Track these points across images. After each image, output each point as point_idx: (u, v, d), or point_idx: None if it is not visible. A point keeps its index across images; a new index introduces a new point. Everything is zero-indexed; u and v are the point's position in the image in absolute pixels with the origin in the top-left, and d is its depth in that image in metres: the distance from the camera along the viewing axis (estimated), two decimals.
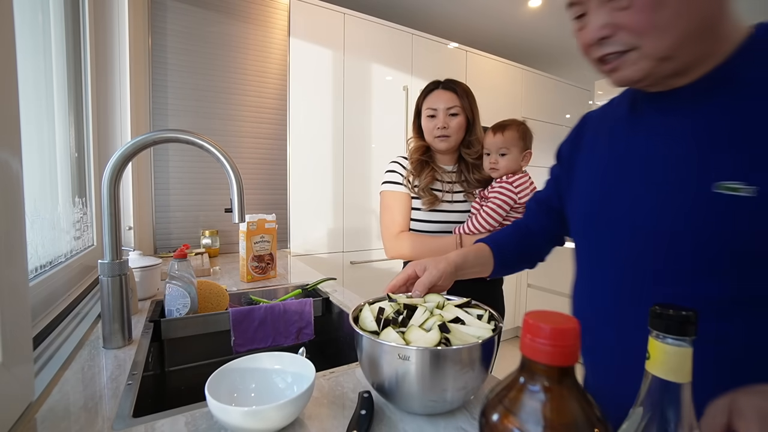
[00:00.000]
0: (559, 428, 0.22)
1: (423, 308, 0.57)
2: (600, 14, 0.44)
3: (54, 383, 0.57)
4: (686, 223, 0.45)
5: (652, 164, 0.49)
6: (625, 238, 0.51)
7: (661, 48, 0.43)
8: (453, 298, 0.64)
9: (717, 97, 0.45)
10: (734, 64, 0.45)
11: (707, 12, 0.42)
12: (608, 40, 0.45)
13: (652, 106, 0.51)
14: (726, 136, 0.43)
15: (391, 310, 0.58)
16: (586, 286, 0.60)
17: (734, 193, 0.41)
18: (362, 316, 0.58)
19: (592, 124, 0.64)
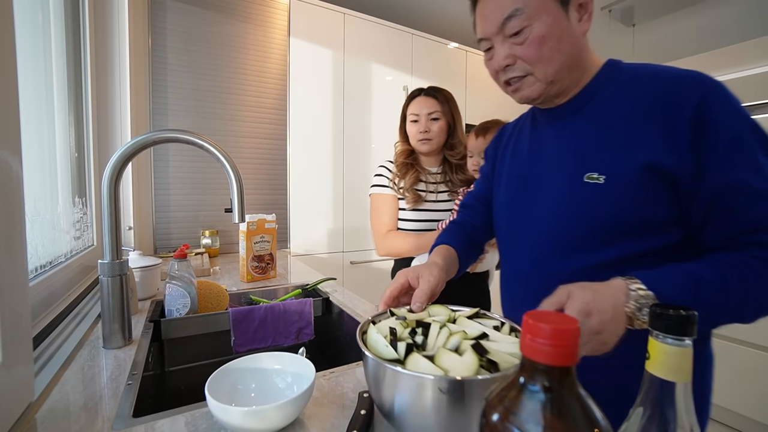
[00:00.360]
0: (559, 428, 0.22)
1: (437, 324, 0.51)
2: (504, 47, 0.60)
3: (54, 383, 0.57)
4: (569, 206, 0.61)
5: (545, 163, 0.67)
6: (529, 223, 0.67)
7: (548, 74, 0.60)
8: (460, 308, 0.59)
9: (583, 113, 0.63)
10: (593, 89, 0.63)
11: (575, 49, 0.61)
12: (511, 67, 0.61)
13: (544, 119, 0.69)
14: (590, 140, 0.61)
15: (403, 329, 0.51)
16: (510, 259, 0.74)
17: (595, 182, 0.58)
18: (372, 339, 0.49)
19: (508, 133, 0.82)
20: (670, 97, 0.54)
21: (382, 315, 0.58)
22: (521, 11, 0.57)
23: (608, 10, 2.92)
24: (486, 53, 0.64)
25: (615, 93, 0.61)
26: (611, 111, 0.60)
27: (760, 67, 2.12)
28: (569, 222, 0.61)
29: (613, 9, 2.90)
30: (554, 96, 0.64)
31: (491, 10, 0.60)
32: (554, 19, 0.58)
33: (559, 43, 0.58)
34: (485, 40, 0.63)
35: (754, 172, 0.51)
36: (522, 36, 0.58)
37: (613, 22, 3.10)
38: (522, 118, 0.80)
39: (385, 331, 0.50)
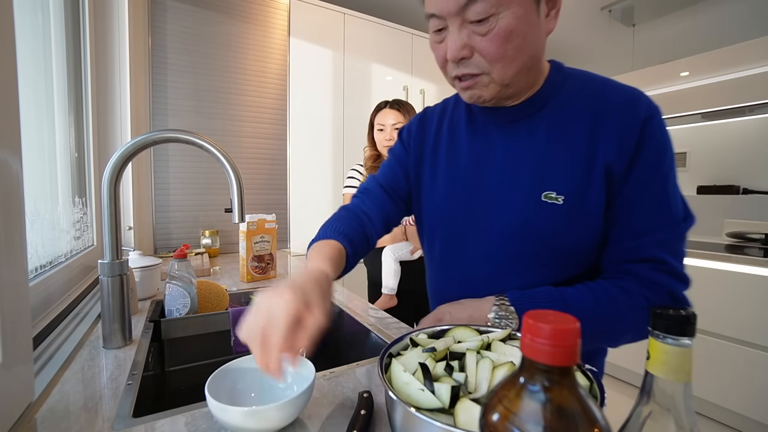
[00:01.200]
0: (559, 428, 0.22)
1: (472, 353, 0.42)
2: (461, 34, 0.50)
3: (54, 383, 0.57)
4: (527, 225, 0.58)
5: (497, 173, 0.61)
6: (480, 236, 0.63)
7: (506, 76, 0.53)
8: (487, 328, 0.50)
9: (536, 120, 0.59)
10: (545, 93, 0.58)
11: (538, 50, 0.54)
12: (466, 61, 0.52)
13: (489, 118, 0.62)
14: (546, 154, 0.57)
15: (434, 363, 0.42)
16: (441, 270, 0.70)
17: (553, 202, 0.56)
18: (400, 380, 0.39)
19: (433, 119, 0.72)
20: (626, 107, 0.54)
21: (399, 342, 0.48)
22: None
23: (608, 10, 2.92)
24: (435, 34, 0.54)
25: (567, 99, 0.57)
26: (565, 119, 0.57)
27: (760, 67, 2.12)
28: (526, 241, 0.59)
29: (613, 9, 2.90)
30: (506, 99, 0.58)
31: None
32: (525, 12, 0.49)
33: (525, 41, 0.51)
34: (438, 18, 0.52)
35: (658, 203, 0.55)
36: (486, 25, 0.49)
37: (613, 22, 3.10)
38: (449, 106, 0.71)
39: (412, 367, 0.41)
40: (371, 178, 0.76)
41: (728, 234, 2.30)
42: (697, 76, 2.38)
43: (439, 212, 0.68)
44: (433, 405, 0.36)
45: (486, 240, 0.62)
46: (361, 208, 0.69)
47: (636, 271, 0.55)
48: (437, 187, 0.68)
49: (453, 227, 0.66)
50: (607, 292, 0.54)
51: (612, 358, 2.25)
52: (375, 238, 0.68)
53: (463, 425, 0.33)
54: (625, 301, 0.53)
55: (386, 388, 0.37)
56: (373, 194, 0.72)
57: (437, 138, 0.70)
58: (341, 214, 0.68)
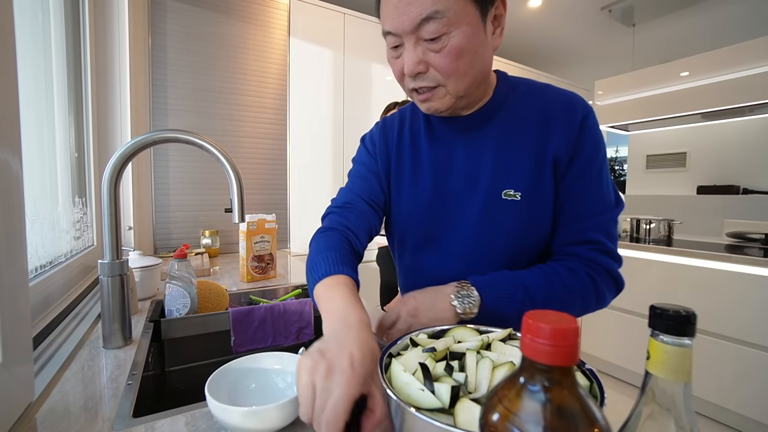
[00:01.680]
0: (559, 428, 0.22)
1: (472, 353, 0.42)
2: (417, 51, 0.55)
3: (54, 383, 0.57)
4: (484, 221, 0.64)
5: (459, 177, 0.66)
6: (450, 237, 0.68)
7: (460, 89, 0.58)
8: (486, 328, 0.50)
9: (490, 126, 0.64)
10: (496, 102, 0.64)
11: (485, 65, 0.59)
12: (422, 75, 0.57)
13: (446, 127, 0.68)
14: (501, 156, 0.63)
15: (434, 363, 0.42)
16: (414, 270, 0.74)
17: (511, 199, 0.62)
18: (399, 380, 0.39)
19: (394, 129, 0.75)
20: (568, 108, 0.62)
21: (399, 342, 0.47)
22: (442, 14, 0.51)
23: (608, 10, 2.92)
24: (392, 50, 0.58)
25: (515, 104, 0.64)
26: (515, 122, 0.63)
27: (760, 67, 2.12)
28: (492, 237, 0.64)
29: (613, 9, 2.90)
30: (461, 109, 0.63)
31: (407, 3, 0.52)
32: (473, 31, 0.54)
33: (475, 57, 0.56)
34: (394, 36, 0.55)
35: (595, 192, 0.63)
36: (439, 43, 0.53)
37: (613, 22, 3.10)
38: (406, 116, 0.74)
39: (412, 367, 0.40)
40: (347, 191, 0.74)
41: (728, 234, 2.30)
42: (697, 76, 2.38)
43: (408, 219, 0.71)
44: (433, 405, 0.36)
45: (454, 241, 0.68)
46: (345, 225, 0.66)
47: (578, 253, 0.63)
48: (403, 195, 0.72)
49: (422, 232, 0.70)
50: (556, 272, 0.61)
51: (612, 358, 2.26)
52: (362, 252, 0.67)
53: (463, 425, 0.33)
54: (571, 278, 0.60)
55: (386, 388, 0.37)
56: (357, 208, 0.70)
57: (399, 147, 0.73)
58: (331, 240, 0.62)
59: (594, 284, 0.61)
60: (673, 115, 2.53)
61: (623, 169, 5.10)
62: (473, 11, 0.53)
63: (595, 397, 0.36)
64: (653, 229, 2.33)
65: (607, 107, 2.87)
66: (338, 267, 0.54)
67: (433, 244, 0.70)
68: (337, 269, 0.54)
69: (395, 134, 0.74)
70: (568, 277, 0.60)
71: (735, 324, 1.77)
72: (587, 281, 0.61)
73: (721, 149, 2.90)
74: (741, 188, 2.78)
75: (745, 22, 2.88)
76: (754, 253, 1.81)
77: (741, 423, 1.78)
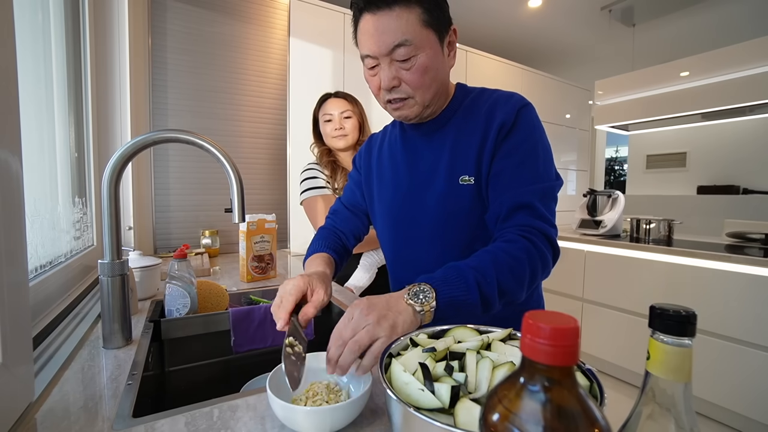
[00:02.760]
0: (559, 428, 0.22)
1: (472, 353, 0.42)
2: (391, 69, 0.68)
3: (54, 383, 0.57)
4: (447, 204, 0.75)
5: (423, 169, 0.79)
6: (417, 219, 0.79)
7: (426, 99, 0.71)
8: (487, 328, 0.51)
9: (447, 128, 0.77)
10: (452, 109, 0.77)
11: (444, 79, 0.73)
12: (396, 88, 0.70)
13: (415, 132, 0.81)
14: (457, 149, 0.74)
15: (434, 363, 0.42)
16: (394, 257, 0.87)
17: (467, 183, 0.73)
18: (400, 381, 0.39)
19: (377, 142, 0.92)
20: (507, 101, 0.73)
21: (399, 342, 0.48)
22: (410, 42, 0.65)
23: (608, 10, 2.93)
24: (371, 69, 0.71)
25: (467, 107, 0.77)
26: (467, 121, 0.75)
27: (760, 67, 2.12)
28: (458, 218, 0.74)
29: (613, 9, 2.91)
30: (426, 116, 0.76)
31: (381, 32, 0.65)
32: (435, 53, 0.68)
33: (437, 73, 0.70)
34: (372, 58, 0.68)
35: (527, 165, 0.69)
36: (409, 63, 0.67)
37: (613, 22, 3.10)
38: (388, 129, 0.91)
39: (412, 367, 0.41)
40: (338, 201, 0.97)
41: (728, 234, 2.30)
42: (697, 76, 2.38)
43: (388, 213, 0.85)
44: (433, 405, 0.36)
45: (427, 225, 0.78)
46: (335, 226, 0.90)
47: (513, 223, 0.67)
48: (384, 194, 0.85)
49: (399, 222, 0.83)
50: (499, 248, 0.64)
51: (612, 358, 2.26)
52: (350, 248, 0.90)
53: (463, 425, 0.33)
54: (513, 248, 0.64)
55: (386, 388, 0.37)
56: (341, 214, 0.93)
57: (380, 156, 0.88)
58: (322, 233, 0.87)
59: (535, 247, 0.64)
60: (673, 115, 2.53)
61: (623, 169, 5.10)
62: (434, 38, 0.68)
63: (595, 397, 0.36)
64: (653, 229, 2.33)
65: (607, 107, 2.87)
66: (321, 248, 0.81)
67: (408, 231, 0.81)
68: (320, 249, 0.81)
69: (377, 145, 0.90)
70: (511, 248, 0.64)
71: (735, 324, 1.77)
72: (528, 245, 0.64)
73: (721, 149, 2.90)
74: (741, 188, 2.78)
75: (745, 22, 2.88)
76: (754, 253, 1.81)
77: (741, 423, 1.78)
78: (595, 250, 2.37)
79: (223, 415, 0.50)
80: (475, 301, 0.58)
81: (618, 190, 2.54)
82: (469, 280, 0.58)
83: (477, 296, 0.58)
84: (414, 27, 0.65)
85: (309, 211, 1.41)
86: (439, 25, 0.68)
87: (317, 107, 1.48)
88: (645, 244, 2.15)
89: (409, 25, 0.64)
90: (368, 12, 0.66)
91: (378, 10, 0.65)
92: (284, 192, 2.05)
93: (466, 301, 0.58)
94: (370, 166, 0.91)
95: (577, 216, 2.67)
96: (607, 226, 2.43)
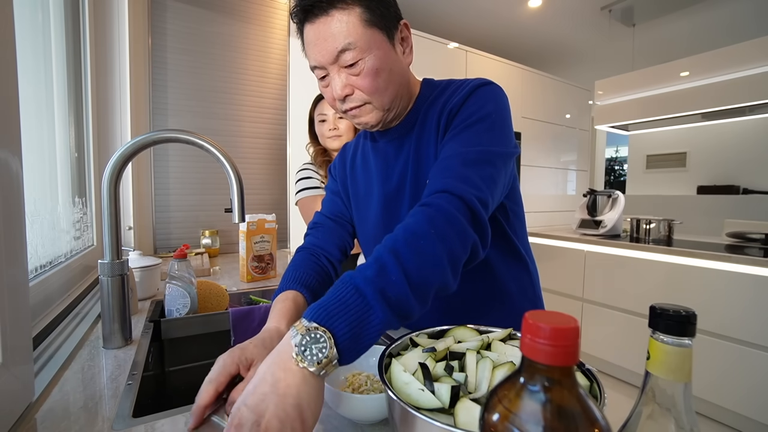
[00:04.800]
0: (559, 428, 0.22)
1: (472, 353, 0.42)
2: (341, 77, 0.63)
3: (54, 383, 0.57)
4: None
5: (395, 178, 0.74)
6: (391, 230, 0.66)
7: (384, 102, 0.66)
8: (487, 328, 0.50)
9: (414, 132, 0.72)
10: (416, 110, 0.72)
11: (404, 79, 0.68)
12: (350, 97, 0.65)
13: (383, 139, 0.76)
14: (425, 154, 0.69)
15: (434, 363, 0.42)
16: None
17: None
18: (400, 381, 0.39)
19: (350, 153, 0.87)
20: (464, 85, 0.67)
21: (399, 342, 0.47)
22: (354, 45, 0.60)
23: (608, 10, 2.93)
24: (322, 80, 0.67)
25: (430, 110, 0.71)
26: (425, 127, 0.70)
27: (760, 67, 2.12)
28: None
29: (613, 9, 2.91)
30: (389, 121, 0.70)
31: (323, 39, 0.61)
32: (384, 53, 0.63)
33: (391, 74, 0.64)
34: (320, 69, 0.64)
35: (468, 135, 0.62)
36: (357, 68, 0.62)
37: (613, 22, 3.10)
38: (360, 138, 0.86)
39: (412, 367, 0.40)
40: (318, 213, 0.86)
41: (728, 234, 2.30)
42: (697, 76, 2.38)
43: (367, 230, 0.80)
44: (433, 405, 0.36)
45: None
46: (316, 244, 0.78)
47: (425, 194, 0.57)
48: (361, 210, 0.81)
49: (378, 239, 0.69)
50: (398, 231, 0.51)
51: (612, 358, 2.26)
52: (337, 265, 0.78)
53: (463, 425, 0.33)
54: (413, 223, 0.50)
55: (386, 388, 0.37)
56: (324, 227, 0.82)
57: (353, 166, 0.84)
58: (298, 259, 0.74)
59: (438, 211, 0.51)
60: (673, 115, 2.53)
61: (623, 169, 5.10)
62: (380, 37, 0.62)
63: (595, 397, 0.36)
64: (653, 229, 2.33)
65: (607, 107, 2.87)
66: (291, 285, 0.67)
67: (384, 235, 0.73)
68: (289, 286, 0.67)
69: (350, 156, 0.86)
70: (410, 224, 0.51)
71: (735, 324, 1.77)
72: (430, 212, 0.51)
73: (721, 149, 2.90)
74: (741, 188, 2.78)
75: (745, 21, 2.88)
76: (754, 253, 1.81)
77: (741, 423, 1.78)
78: (595, 250, 2.37)
79: None
80: (387, 316, 0.42)
81: (618, 190, 2.54)
82: (366, 290, 0.43)
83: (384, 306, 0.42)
84: (355, 28, 0.60)
85: (304, 210, 1.42)
86: (384, 21, 0.63)
87: (313, 107, 1.49)
88: (645, 244, 2.15)
89: (350, 27, 0.60)
90: (308, 22, 0.62)
91: (316, 18, 0.61)
92: (284, 192, 2.05)
93: (374, 321, 0.42)
94: (345, 177, 0.86)
95: (577, 216, 2.67)
96: (607, 226, 2.43)
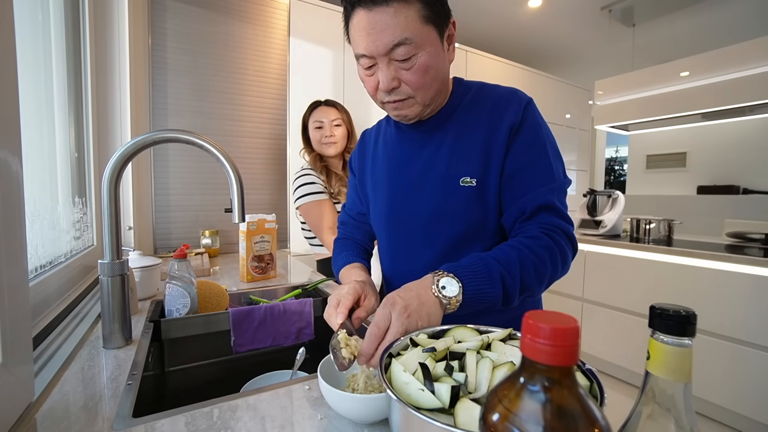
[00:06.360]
0: (559, 428, 0.22)
1: (473, 353, 0.42)
2: (390, 70, 0.63)
3: (54, 383, 0.57)
4: (443, 204, 0.72)
5: (420, 167, 0.75)
6: (412, 218, 0.76)
7: (427, 98, 0.68)
8: (487, 328, 0.51)
9: (448, 126, 0.74)
10: (452, 105, 0.74)
11: (445, 76, 0.69)
12: (396, 90, 0.66)
13: (413, 130, 0.77)
14: (458, 148, 0.71)
15: (434, 363, 0.42)
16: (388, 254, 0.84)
17: (468, 185, 0.70)
18: (400, 380, 0.39)
19: (371, 139, 0.89)
20: (511, 98, 0.70)
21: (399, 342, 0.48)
22: (410, 40, 0.60)
23: (608, 10, 2.93)
24: (367, 69, 0.67)
25: (468, 104, 0.73)
26: (468, 119, 0.72)
27: (760, 67, 2.12)
28: (455, 220, 0.72)
29: (613, 9, 2.91)
30: (426, 115, 0.73)
31: (379, 30, 0.60)
32: (435, 50, 0.64)
33: (438, 71, 0.66)
34: (369, 58, 0.64)
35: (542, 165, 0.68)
36: (409, 63, 0.62)
37: (613, 22, 3.10)
38: (382, 125, 0.88)
39: (412, 367, 0.41)
40: (343, 212, 0.97)
41: (728, 234, 2.30)
42: (697, 76, 2.38)
43: (383, 211, 0.82)
44: (433, 405, 0.36)
45: (422, 224, 0.75)
46: (348, 235, 0.92)
47: (534, 221, 0.67)
48: (380, 193, 0.83)
49: (394, 220, 0.80)
50: (522, 243, 0.64)
51: (612, 358, 2.26)
52: (370, 249, 0.92)
53: (463, 425, 0.33)
54: (536, 244, 0.63)
55: (386, 388, 0.37)
56: (349, 225, 0.94)
57: (375, 153, 0.85)
58: (344, 245, 0.88)
59: (557, 245, 0.65)
60: (673, 115, 2.53)
61: (623, 169, 5.10)
62: (434, 34, 0.63)
63: (595, 397, 0.36)
64: (653, 229, 2.33)
65: (607, 107, 2.87)
66: (353, 258, 0.82)
67: (403, 230, 0.79)
68: (352, 260, 0.82)
69: (371, 143, 0.88)
70: (534, 244, 0.63)
71: (735, 324, 1.77)
72: (551, 243, 0.64)
73: (721, 149, 2.91)
74: (741, 188, 2.79)
75: (745, 21, 2.88)
76: (754, 253, 1.81)
77: (741, 423, 1.78)
78: (595, 250, 2.37)
79: (223, 415, 0.50)
80: (498, 295, 0.58)
81: (618, 190, 2.54)
82: (494, 275, 0.58)
83: (500, 290, 0.58)
84: (414, 24, 0.59)
85: (310, 216, 1.44)
86: (439, 19, 0.63)
87: (307, 113, 1.52)
88: (645, 244, 2.15)
89: (409, 22, 0.59)
90: (362, 7, 0.60)
91: (374, 6, 0.59)
92: (284, 192, 2.05)
93: (490, 294, 0.58)
94: (364, 166, 0.88)
95: (577, 216, 2.67)
96: (607, 226, 2.43)
